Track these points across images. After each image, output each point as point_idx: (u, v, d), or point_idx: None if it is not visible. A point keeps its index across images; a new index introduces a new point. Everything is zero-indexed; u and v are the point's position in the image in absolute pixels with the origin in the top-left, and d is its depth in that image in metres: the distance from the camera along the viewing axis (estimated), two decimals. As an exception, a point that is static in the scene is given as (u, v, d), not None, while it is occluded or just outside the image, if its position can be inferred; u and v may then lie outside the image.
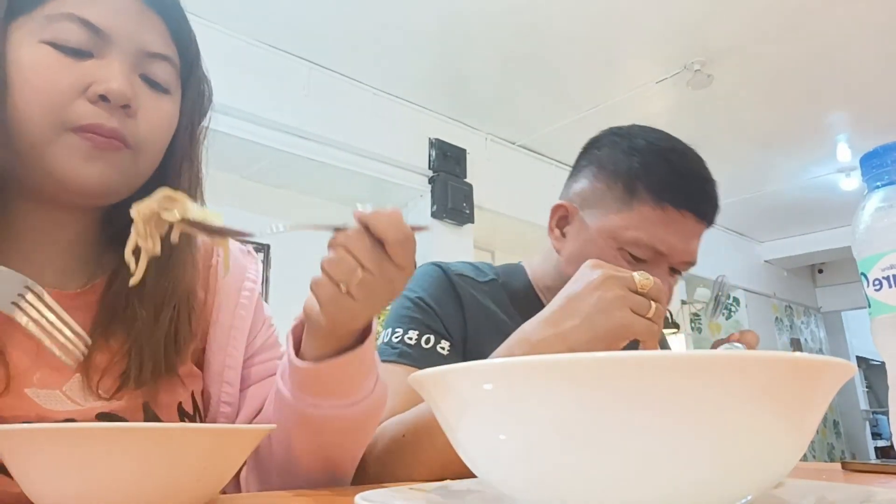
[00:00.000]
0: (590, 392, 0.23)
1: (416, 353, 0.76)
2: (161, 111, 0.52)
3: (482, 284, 0.85)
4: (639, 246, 0.76)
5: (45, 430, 0.33)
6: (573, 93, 3.12)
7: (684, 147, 0.83)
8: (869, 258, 0.45)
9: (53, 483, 0.34)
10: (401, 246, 0.45)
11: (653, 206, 0.76)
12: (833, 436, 5.90)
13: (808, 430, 0.26)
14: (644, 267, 0.76)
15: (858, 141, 3.76)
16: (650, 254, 0.77)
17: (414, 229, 0.47)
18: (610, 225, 0.78)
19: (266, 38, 2.72)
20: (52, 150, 0.47)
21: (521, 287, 0.87)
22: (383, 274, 0.46)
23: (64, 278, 0.54)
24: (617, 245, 0.77)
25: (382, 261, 0.45)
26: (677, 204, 0.76)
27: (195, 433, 0.36)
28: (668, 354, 0.23)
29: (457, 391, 0.27)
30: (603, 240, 0.78)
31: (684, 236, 0.78)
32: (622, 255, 0.77)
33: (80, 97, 0.47)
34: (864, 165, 0.47)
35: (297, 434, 0.53)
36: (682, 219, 0.77)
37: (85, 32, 0.48)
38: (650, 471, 0.23)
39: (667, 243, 0.76)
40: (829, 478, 0.54)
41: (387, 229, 0.45)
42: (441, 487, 0.37)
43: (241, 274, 0.66)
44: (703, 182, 0.80)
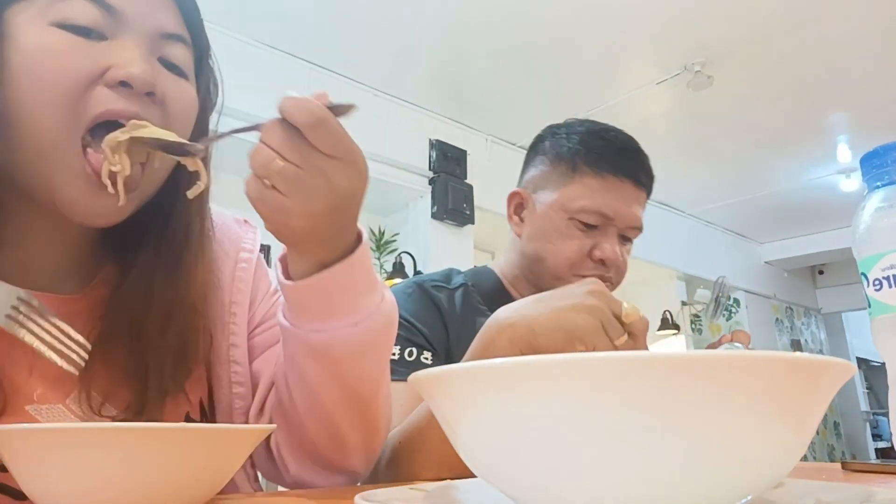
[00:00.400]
0: (590, 392, 0.23)
1: (400, 366, 0.78)
2: (186, 97, 0.48)
3: (454, 290, 0.89)
4: (586, 212, 0.84)
5: (45, 431, 0.33)
6: (574, 94, 3.13)
7: (617, 128, 0.92)
8: (869, 258, 0.45)
9: (53, 483, 0.34)
10: (315, 130, 0.40)
11: (594, 175, 0.85)
12: (833, 437, 5.90)
13: (808, 431, 0.26)
14: (595, 234, 0.84)
15: (859, 142, 3.76)
16: (598, 219, 0.84)
17: (335, 110, 0.41)
18: (559, 198, 0.85)
19: (266, 38, 2.72)
20: (58, 169, 0.42)
21: (491, 286, 0.91)
22: (307, 163, 0.41)
23: (62, 282, 0.51)
24: (567, 215, 0.84)
25: (302, 148, 0.40)
26: (615, 171, 0.85)
27: (194, 433, 0.36)
28: (669, 355, 0.23)
29: (457, 391, 0.27)
30: (554, 212, 0.85)
31: (626, 201, 0.85)
32: (573, 224, 0.84)
33: (96, 83, 0.42)
34: (864, 165, 0.47)
35: (311, 370, 0.48)
36: (622, 185, 0.85)
37: (96, 10, 0.43)
38: (650, 471, 0.23)
39: (611, 207, 0.84)
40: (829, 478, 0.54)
41: (294, 113, 0.40)
42: (441, 487, 0.37)
43: (236, 245, 0.61)
44: (637, 153, 0.89)
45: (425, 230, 3.23)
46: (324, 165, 0.41)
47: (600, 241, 0.83)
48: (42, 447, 0.33)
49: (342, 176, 0.42)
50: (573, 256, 0.83)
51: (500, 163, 3.61)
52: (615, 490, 0.24)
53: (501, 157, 3.64)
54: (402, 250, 3.26)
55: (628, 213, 0.85)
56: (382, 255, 3.36)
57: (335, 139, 0.41)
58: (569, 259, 0.84)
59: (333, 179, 0.42)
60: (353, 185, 0.43)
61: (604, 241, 0.83)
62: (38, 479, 0.34)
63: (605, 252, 0.83)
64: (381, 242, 3.39)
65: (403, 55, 2.85)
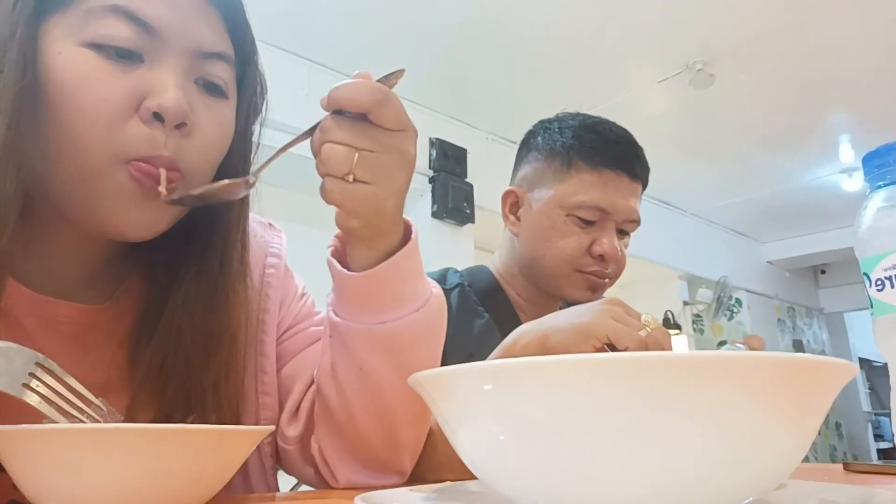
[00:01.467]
0: (590, 393, 0.23)
1: None
2: (218, 121, 0.46)
3: (450, 291, 0.88)
4: (583, 208, 0.83)
5: (44, 431, 0.33)
6: (575, 93, 3.12)
7: (609, 121, 0.91)
8: (871, 258, 0.44)
9: (52, 483, 0.34)
10: (381, 107, 0.40)
11: (589, 170, 0.84)
12: (835, 437, 5.89)
13: (810, 432, 0.26)
14: (593, 229, 0.84)
15: (861, 141, 3.75)
16: (596, 214, 0.83)
17: (387, 82, 0.42)
18: (555, 195, 0.85)
19: (266, 38, 2.72)
20: (100, 188, 0.41)
21: (487, 285, 0.91)
22: (381, 145, 0.41)
23: (85, 291, 0.49)
24: (565, 212, 0.84)
25: (371, 131, 0.41)
26: (610, 165, 0.85)
27: (194, 433, 0.36)
28: (670, 355, 0.23)
29: (456, 392, 0.27)
30: (552, 210, 0.85)
31: (622, 194, 0.85)
32: (571, 220, 0.84)
33: (132, 116, 0.41)
34: (866, 165, 0.47)
35: (376, 364, 0.47)
36: (618, 178, 0.85)
37: (134, 30, 0.41)
38: (651, 471, 0.23)
39: (607, 201, 0.83)
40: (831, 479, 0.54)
41: (356, 98, 0.40)
42: (441, 488, 0.37)
43: (262, 250, 0.59)
44: (631, 145, 0.89)
45: (425, 229, 3.22)
46: (395, 142, 0.42)
47: (599, 237, 0.83)
48: (41, 447, 0.33)
49: (411, 145, 0.43)
50: (572, 253, 0.83)
51: (501, 162, 3.59)
52: (615, 490, 0.24)
53: (502, 155, 3.63)
54: (403, 249, 3.26)
55: (625, 207, 0.85)
56: (383, 255, 3.36)
57: (398, 113, 0.42)
58: (568, 256, 0.83)
59: (405, 151, 0.43)
60: (415, 151, 0.44)
61: (602, 236, 0.83)
62: (36, 479, 0.34)
63: (605, 247, 0.82)
64: (382, 242, 3.39)
65: (403, 53, 2.85)
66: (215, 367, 0.47)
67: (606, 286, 0.86)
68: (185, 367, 0.47)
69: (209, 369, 0.47)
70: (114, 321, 0.49)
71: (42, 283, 0.46)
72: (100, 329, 0.47)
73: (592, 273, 0.83)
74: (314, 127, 0.42)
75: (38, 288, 0.46)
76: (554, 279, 0.85)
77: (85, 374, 0.43)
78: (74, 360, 0.44)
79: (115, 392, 0.46)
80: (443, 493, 0.36)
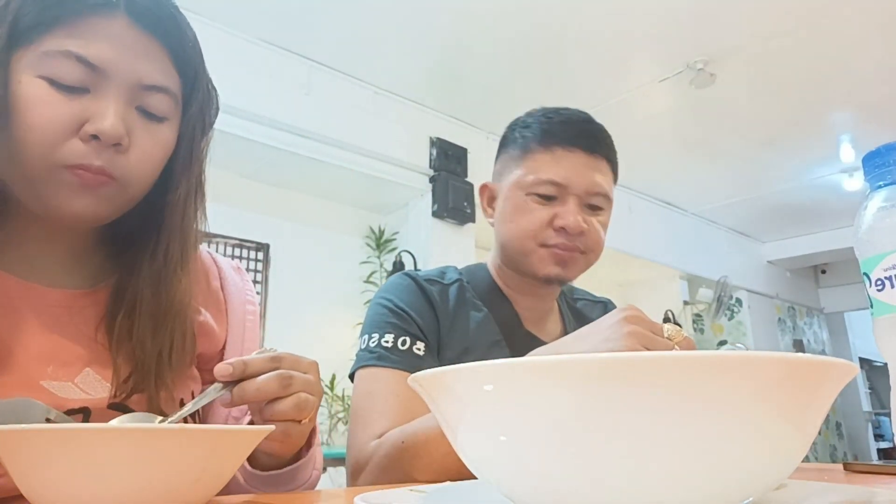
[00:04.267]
0: (590, 393, 0.23)
1: (395, 354, 0.79)
2: (155, 141, 0.53)
3: (448, 286, 0.90)
4: (538, 184, 0.85)
5: (45, 431, 0.33)
6: (575, 91, 3.12)
7: (569, 108, 0.93)
8: (871, 258, 0.44)
9: (50, 483, 0.34)
10: (307, 366, 0.52)
11: (542, 150, 0.86)
12: (835, 437, 5.89)
13: (811, 431, 0.26)
14: (556, 205, 0.84)
15: (862, 141, 3.76)
16: (552, 188, 0.84)
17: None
18: (514, 179, 0.88)
19: (266, 37, 2.72)
20: (45, 185, 0.49)
21: (485, 282, 0.93)
22: (317, 390, 0.52)
23: (67, 277, 0.56)
24: (524, 192, 0.86)
25: (309, 382, 0.51)
26: (562, 143, 0.86)
27: (193, 434, 0.36)
28: (669, 355, 0.23)
29: (457, 392, 0.27)
30: (513, 193, 0.87)
31: (579, 168, 0.85)
32: (531, 198, 0.85)
33: (73, 136, 0.49)
34: (866, 165, 0.47)
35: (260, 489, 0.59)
36: (572, 154, 0.86)
37: (82, 69, 0.48)
38: (651, 472, 0.23)
39: (562, 175, 0.84)
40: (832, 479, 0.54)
41: (266, 367, 0.50)
42: (441, 488, 0.37)
43: (241, 296, 0.69)
44: (585, 122, 0.89)
45: (426, 229, 3.22)
46: (317, 383, 0.54)
47: (560, 211, 0.84)
48: (42, 447, 0.33)
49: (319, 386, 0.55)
50: (534, 227, 0.84)
51: (502, 162, 3.60)
52: (615, 491, 0.24)
53: (503, 155, 3.63)
54: (403, 249, 3.26)
55: (583, 180, 0.85)
56: (382, 255, 3.36)
57: (302, 363, 0.53)
58: (530, 231, 0.84)
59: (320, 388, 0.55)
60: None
61: (563, 209, 0.84)
62: (35, 479, 0.34)
63: (566, 219, 0.83)
64: (380, 241, 3.38)
65: (404, 53, 2.84)
66: (160, 339, 0.55)
67: (578, 261, 0.85)
68: (143, 336, 0.55)
69: (156, 340, 0.55)
70: (95, 305, 0.56)
71: (26, 271, 0.54)
72: (84, 311, 0.55)
73: (557, 246, 0.83)
74: (222, 385, 0.49)
75: (24, 276, 0.53)
76: (523, 257, 0.86)
77: (73, 350, 0.53)
78: (63, 338, 0.53)
79: (100, 364, 0.54)
80: (443, 493, 0.36)
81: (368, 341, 0.81)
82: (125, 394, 0.53)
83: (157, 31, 0.52)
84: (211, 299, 0.66)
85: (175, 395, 0.57)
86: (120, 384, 0.53)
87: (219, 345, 0.65)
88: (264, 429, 0.40)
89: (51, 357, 0.51)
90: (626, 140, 3.64)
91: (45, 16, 0.48)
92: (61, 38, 0.48)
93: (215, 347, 0.65)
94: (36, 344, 0.51)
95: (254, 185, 3.02)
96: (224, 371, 0.48)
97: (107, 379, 0.53)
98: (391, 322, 0.82)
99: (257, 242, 3.03)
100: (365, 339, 0.82)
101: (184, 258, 0.58)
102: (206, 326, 0.63)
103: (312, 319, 3.07)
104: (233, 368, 0.48)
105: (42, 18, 0.48)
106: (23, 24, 0.48)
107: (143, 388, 0.53)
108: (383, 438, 0.71)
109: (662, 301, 4.79)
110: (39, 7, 0.48)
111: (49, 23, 0.48)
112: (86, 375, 0.52)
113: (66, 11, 0.48)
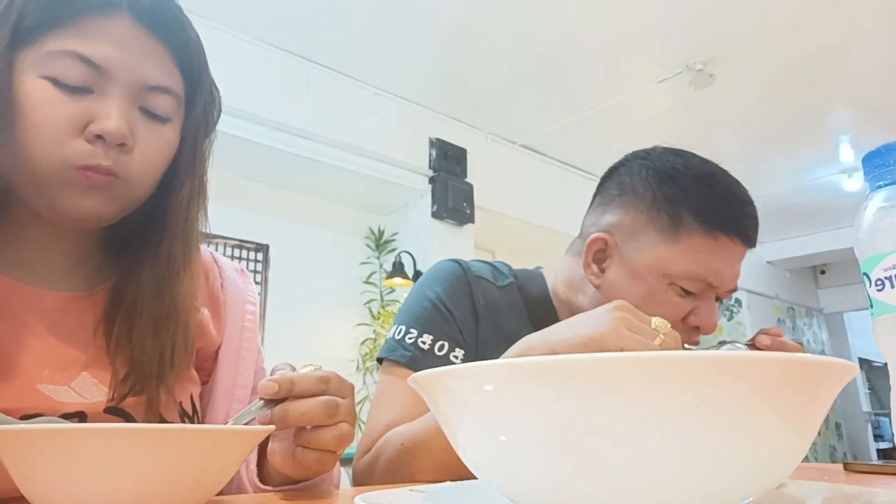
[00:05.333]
0: (590, 393, 0.23)
1: (428, 359, 0.74)
2: (158, 141, 0.53)
3: (499, 289, 0.82)
4: (691, 279, 0.72)
5: (44, 431, 0.33)
6: (575, 92, 3.12)
7: (719, 169, 0.79)
8: (871, 258, 0.44)
9: (50, 483, 0.34)
10: (336, 386, 0.49)
11: (703, 234, 0.72)
12: (835, 438, 5.89)
13: (810, 432, 0.26)
14: (694, 300, 0.73)
15: (861, 141, 3.75)
16: (702, 286, 0.73)
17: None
18: (658, 259, 0.73)
19: (266, 38, 2.72)
20: (53, 185, 0.49)
21: (538, 294, 0.83)
22: (354, 415, 0.51)
23: (66, 280, 0.56)
24: (668, 280, 0.73)
25: (350, 408, 0.50)
26: (727, 231, 0.73)
27: (194, 433, 0.36)
28: (669, 355, 0.23)
29: (457, 392, 0.27)
30: (651, 275, 0.73)
31: (732, 263, 0.75)
32: (673, 289, 0.73)
33: (78, 136, 0.48)
34: (866, 165, 0.47)
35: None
36: (733, 245, 0.74)
37: (85, 69, 0.48)
38: (651, 472, 0.23)
39: (718, 273, 0.73)
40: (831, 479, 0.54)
41: (313, 389, 0.48)
42: (441, 489, 0.37)
43: (241, 296, 0.69)
44: (746, 205, 0.77)
45: (425, 229, 3.22)
46: (349, 406, 0.51)
47: (698, 307, 0.73)
48: (41, 447, 0.33)
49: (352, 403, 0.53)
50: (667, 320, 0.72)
51: (501, 161, 3.60)
52: (615, 491, 0.24)
53: (502, 155, 3.63)
54: (402, 250, 3.26)
55: (732, 278, 0.74)
56: (382, 255, 3.36)
57: (347, 387, 0.51)
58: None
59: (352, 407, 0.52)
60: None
61: (703, 306, 0.73)
62: (34, 479, 0.34)
63: (703, 319, 0.72)
64: (380, 242, 3.38)
65: (403, 53, 2.85)
66: (161, 341, 0.54)
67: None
68: (143, 338, 0.54)
69: (157, 343, 0.54)
70: (93, 308, 0.55)
71: (24, 274, 0.53)
72: (81, 314, 0.54)
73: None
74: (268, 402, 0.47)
75: (21, 279, 0.53)
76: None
77: (70, 354, 0.52)
78: (61, 341, 0.52)
79: (97, 368, 0.53)
80: (443, 493, 0.36)
81: (405, 334, 0.75)
82: (122, 396, 0.52)
83: (160, 32, 0.52)
84: (209, 299, 0.66)
85: (175, 398, 0.56)
86: (118, 385, 0.52)
87: (214, 345, 0.65)
88: (265, 429, 0.40)
89: (47, 361, 0.51)
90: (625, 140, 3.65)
91: (48, 15, 0.48)
92: (65, 38, 0.48)
93: (211, 347, 0.64)
94: (32, 348, 0.51)
95: (253, 185, 3.02)
96: (269, 389, 0.46)
97: (104, 383, 0.53)
98: (433, 321, 0.76)
99: (257, 243, 3.03)
100: (402, 329, 0.76)
101: (186, 260, 0.57)
102: (203, 325, 0.63)
103: (312, 320, 3.07)
104: (278, 387, 0.46)
105: (45, 18, 0.48)
106: (26, 23, 0.48)
107: (142, 391, 0.53)
108: (383, 442, 0.71)
109: (662, 301, 4.78)
110: (43, 7, 0.48)
111: (52, 22, 0.48)
112: (83, 379, 0.52)
113: (69, 11, 0.48)
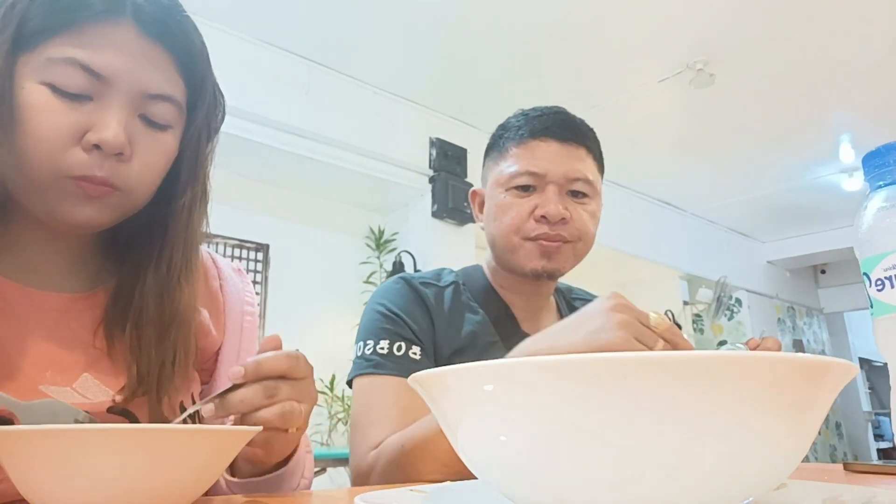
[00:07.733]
0: (590, 393, 0.23)
1: (390, 361, 0.79)
2: (158, 149, 0.53)
3: (444, 288, 0.89)
4: (515, 177, 0.85)
5: (44, 431, 0.33)
6: (575, 92, 3.12)
7: (544, 106, 0.92)
8: (871, 258, 0.44)
9: (48, 483, 0.34)
10: (296, 365, 0.50)
11: (515, 145, 0.87)
12: (835, 437, 5.89)
13: (811, 432, 0.26)
14: (536, 196, 0.83)
15: (862, 141, 3.75)
16: (529, 178, 0.84)
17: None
18: (494, 178, 0.88)
19: (266, 38, 2.72)
20: (49, 193, 0.49)
21: (480, 283, 0.92)
22: (310, 396, 0.51)
23: (65, 281, 0.56)
24: (503, 189, 0.86)
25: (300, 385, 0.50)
26: (534, 135, 0.86)
27: (194, 433, 0.36)
28: (669, 355, 0.23)
29: (457, 392, 0.27)
30: (494, 192, 0.87)
31: (554, 157, 0.85)
32: (511, 193, 0.85)
33: (75, 145, 0.48)
34: (866, 165, 0.47)
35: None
36: (545, 144, 0.85)
37: (85, 77, 0.48)
38: (651, 472, 0.23)
39: (537, 165, 0.84)
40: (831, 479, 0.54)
41: (275, 365, 0.49)
42: (441, 488, 0.37)
43: (240, 297, 0.69)
44: (556, 114, 0.89)
45: (425, 229, 3.22)
46: (312, 391, 0.52)
47: (540, 201, 0.83)
48: (41, 447, 0.33)
49: (314, 387, 0.54)
50: (516, 221, 0.83)
51: (502, 162, 3.59)
52: (615, 491, 0.24)
53: (503, 156, 3.63)
54: (402, 249, 3.26)
55: (559, 167, 0.84)
56: (382, 255, 3.36)
57: (306, 366, 0.51)
58: (513, 225, 0.84)
59: (315, 395, 0.53)
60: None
61: (542, 198, 0.83)
62: (32, 479, 0.34)
63: (545, 208, 0.82)
64: (380, 242, 3.38)
65: (403, 53, 2.84)
66: (164, 349, 0.55)
67: (564, 251, 0.83)
68: (147, 346, 0.54)
69: (160, 350, 0.54)
70: (93, 308, 0.56)
71: (25, 276, 0.53)
72: (81, 315, 0.55)
73: (541, 238, 0.82)
74: (222, 393, 0.48)
75: (21, 280, 0.53)
76: (510, 254, 0.85)
77: (71, 355, 0.52)
78: (63, 342, 0.53)
79: (99, 369, 0.53)
80: (443, 493, 0.36)
81: (364, 348, 0.81)
82: (126, 401, 0.52)
83: (164, 39, 0.51)
84: (208, 299, 0.66)
85: (176, 397, 0.57)
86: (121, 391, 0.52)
87: (215, 346, 0.65)
88: (253, 429, 0.40)
89: (49, 362, 0.51)
90: (625, 140, 3.65)
91: (50, 21, 0.47)
92: (66, 45, 0.47)
93: (212, 348, 0.65)
94: (34, 349, 0.51)
95: (253, 185, 3.02)
96: (236, 374, 0.47)
97: (106, 384, 0.53)
98: (385, 328, 0.81)
99: (257, 243, 3.03)
100: (360, 346, 0.82)
101: (187, 267, 0.57)
102: (203, 326, 0.63)
103: (312, 320, 3.07)
104: (244, 370, 0.47)
105: (47, 24, 0.47)
106: (28, 28, 0.47)
107: (145, 394, 0.53)
108: (382, 446, 0.71)
109: (662, 301, 4.79)
110: (45, 12, 0.47)
111: (54, 29, 0.47)
112: (84, 380, 0.52)
113: (71, 18, 0.47)
